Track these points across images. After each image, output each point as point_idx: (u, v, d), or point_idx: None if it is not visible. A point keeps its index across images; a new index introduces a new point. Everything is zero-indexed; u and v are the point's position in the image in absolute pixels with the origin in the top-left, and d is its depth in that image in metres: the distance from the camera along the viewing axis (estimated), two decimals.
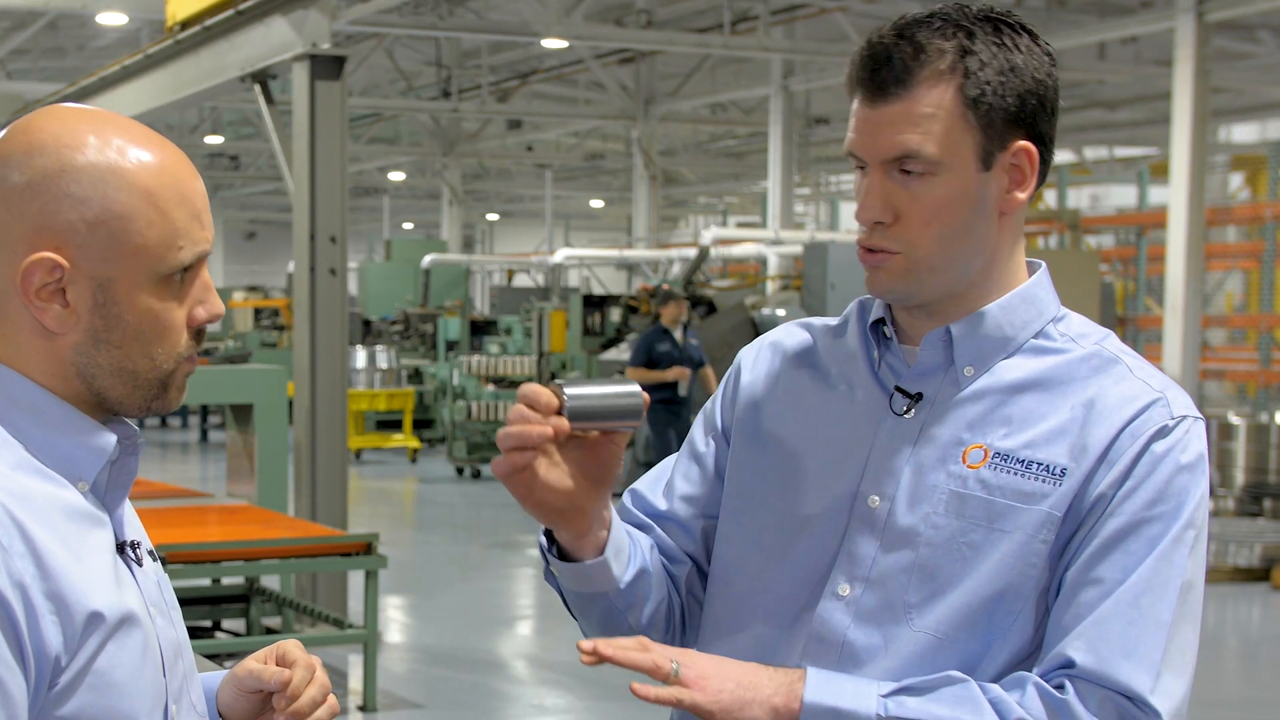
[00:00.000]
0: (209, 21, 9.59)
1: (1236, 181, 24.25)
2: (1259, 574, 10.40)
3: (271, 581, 8.24)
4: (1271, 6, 13.70)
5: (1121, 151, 25.42)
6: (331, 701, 1.60)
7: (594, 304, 17.00)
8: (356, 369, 17.85)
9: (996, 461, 1.69)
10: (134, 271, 1.46)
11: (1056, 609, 1.66)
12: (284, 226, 37.42)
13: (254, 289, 31.96)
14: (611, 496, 1.78)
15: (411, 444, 18.14)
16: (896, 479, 1.72)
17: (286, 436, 8.68)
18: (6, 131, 1.49)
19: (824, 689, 1.61)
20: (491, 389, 17.42)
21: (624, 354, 14.73)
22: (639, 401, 1.67)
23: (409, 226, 41.88)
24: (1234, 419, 12.71)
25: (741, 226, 27.67)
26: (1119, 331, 14.87)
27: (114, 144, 1.47)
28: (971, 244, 1.72)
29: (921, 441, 1.73)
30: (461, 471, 16.96)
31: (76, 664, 1.41)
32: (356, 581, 8.47)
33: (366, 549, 6.80)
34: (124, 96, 11.47)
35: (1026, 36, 1.72)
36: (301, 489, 8.40)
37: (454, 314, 21.55)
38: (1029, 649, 1.68)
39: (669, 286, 11.43)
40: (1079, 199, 26.12)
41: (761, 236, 19.49)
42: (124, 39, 20.98)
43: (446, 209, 28.42)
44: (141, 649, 1.47)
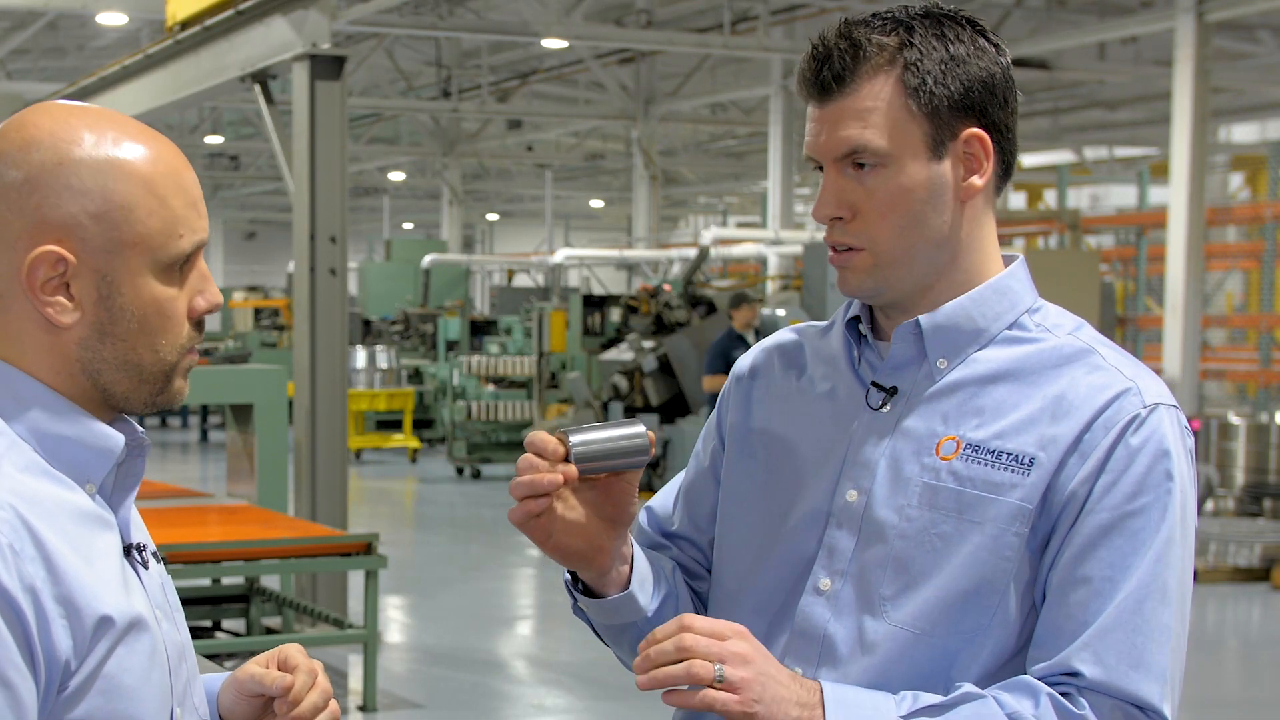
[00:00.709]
0: (209, 21, 9.59)
1: (1236, 181, 24.26)
2: (1259, 574, 10.40)
3: (271, 581, 8.24)
4: (1271, 6, 13.69)
5: (1121, 151, 25.40)
6: (333, 707, 1.60)
7: (594, 304, 17.00)
8: (356, 369, 17.86)
9: (968, 453, 1.70)
10: (137, 261, 1.47)
11: (1047, 608, 1.66)
12: (284, 226, 37.43)
13: (254, 289, 31.98)
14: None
15: (411, 444, 18.14)
16: (873, 473, 1.74)
17: (286, 436, 8.68)
18: None
19: (843, 712, 1.61)
20: (491, 389, 17.42)
21: (624, 354, 14.70)
22: (644, 441, 1.70)
23: (409, 226, 41.88)
24: (1234, 419, 12.70)
25: (741, 226, 27.69)
26: (1119, 331, 14.84)
27: (109, 136, 1.47)
28: (931, 233, 1.72)
29: (897, 435, 1.74)
30: (461, 471, 16.96)
31: (86, 668, 1.41)
32: (356, 581, 8.47)
33: (366, 549, 6.81)
34: (124, 96, 11.46)
35: (970, 29, 1.73)
36: (301, 489, 8.40)
37: (454, 314, 21.56)
38: (1014, 646, 1.68)
39: (743, 289, 10.78)
40: (1079, 199, 26.14)
41: (761, 236, 19.51)
42: (124, 39, 20.97)
43: (446, 209, 28.41)
44: (149, 653, 1.47)
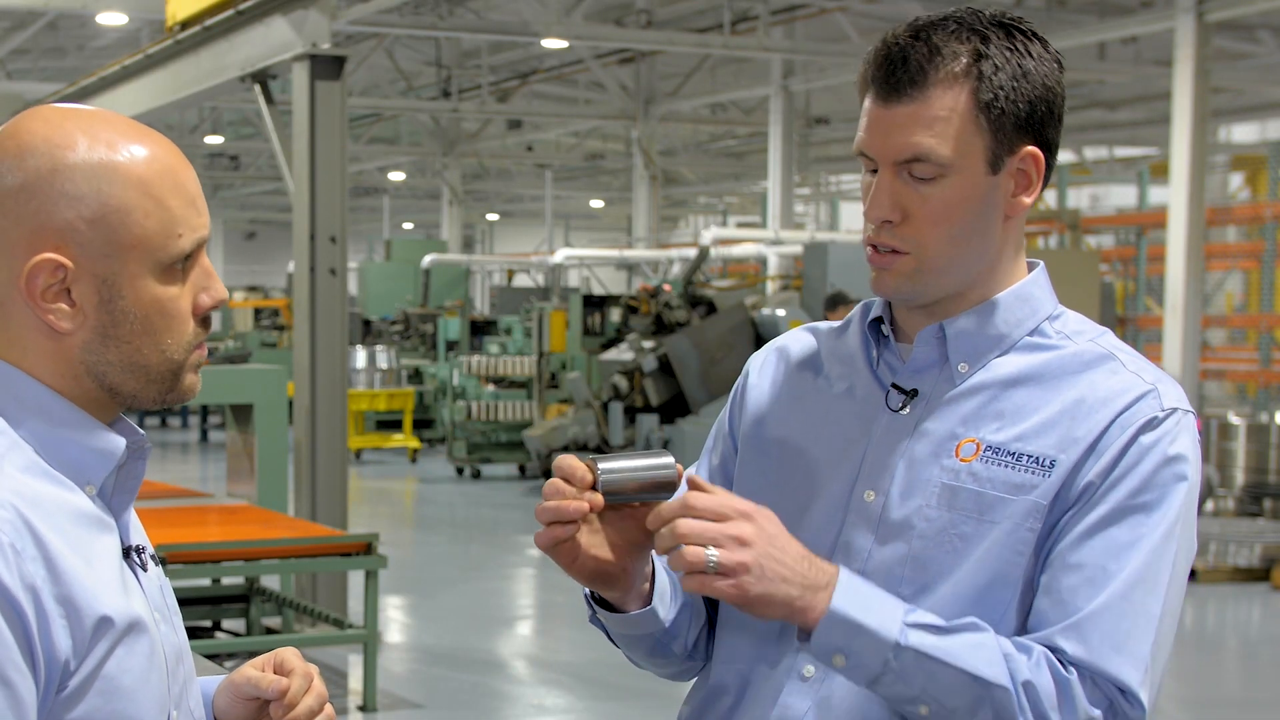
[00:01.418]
0: (209, 21, 9.59)
1: (1236, 181, 24.24)
2: (1259, 574, 10.40)
3: (271, 581, 8.24)
4: (1271, 6, 13.69)
5: (1121, 151, 25.41)
6: (328, 711, 1.60)
7: (594, 304, 16.99)
8: (356, 369, 17.86)
9: (988, 455, 1.71)
10: (136, 264, 1.46)
11: (1042, 590, 1.68)
12: (284, 226, 37.42)
13: (254, 289, 32.00)
14: None
15: (411, 444, 18.14)
16: (891, 473, 1.75)
17: (286, 436, 8.68)
18: None
19: (850, 598, 1.62)
20: (491, 389, 17.42)
21: (624, 354, 14.70)
22: (672, 474, 1.69)
23: (409, 226, 41.86)
24: (1234, 419, 12.71)
25: (741, 226, 27.67)
26: (1119, 331, 14.86)
27: (104, 139, 1.47)
28: (977, 246, 1.74)
29: (916, 436, 1.75)
30: (461, 471, 16.96)
31: (85, 668, 1.41)
32: (356, 581, 8.47)
33: (366, 549, 6.81)
34: (124, 96, 11.47)
35: (1038, 43, 1.75)
36: (301, 489, 8.40)
37: (454, 314, 21.56)
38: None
39: (839, 289, 10.51)
40: (1079, 199, 26.11)
41: (761, 236, 19.50)
42: (124, 39, 20.97)
43: (446, 209, 28.41)
44: (148, 654, 1.47)
